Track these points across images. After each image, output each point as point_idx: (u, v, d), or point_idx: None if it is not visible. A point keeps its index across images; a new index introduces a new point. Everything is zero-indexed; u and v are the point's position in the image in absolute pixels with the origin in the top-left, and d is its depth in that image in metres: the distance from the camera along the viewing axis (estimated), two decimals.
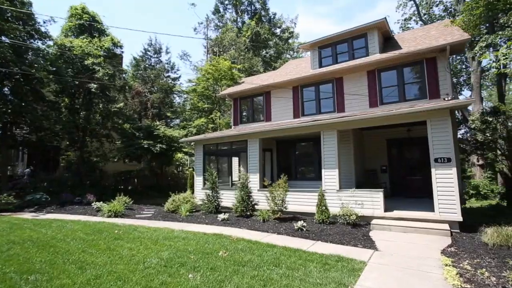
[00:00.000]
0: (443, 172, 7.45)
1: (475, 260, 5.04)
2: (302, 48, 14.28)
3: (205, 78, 17.25)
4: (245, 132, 11.40)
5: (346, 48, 13.13)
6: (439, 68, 10.63)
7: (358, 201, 8.26)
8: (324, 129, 9.57)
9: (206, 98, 18.05)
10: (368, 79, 12.06)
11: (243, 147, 11.69)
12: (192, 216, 9.78)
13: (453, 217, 7.21)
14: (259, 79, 16.95)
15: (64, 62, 13.37)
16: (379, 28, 12.42)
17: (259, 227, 8.01)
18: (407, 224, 7.56)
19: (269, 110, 14.70)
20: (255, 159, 11.06)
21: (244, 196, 9.64)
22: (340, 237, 6.90)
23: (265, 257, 5.03)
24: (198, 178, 12.70)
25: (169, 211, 10.65)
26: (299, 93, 13.87)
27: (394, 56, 11.42)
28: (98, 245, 5.92)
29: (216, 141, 12.52)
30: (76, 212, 10.79)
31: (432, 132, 7.70)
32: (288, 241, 6.41)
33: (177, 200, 10.78)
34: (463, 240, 6.40)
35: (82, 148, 14.87)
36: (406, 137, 11.38)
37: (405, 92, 11.19)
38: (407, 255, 5.58)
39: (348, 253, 5.58)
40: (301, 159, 13.61)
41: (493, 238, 5.84)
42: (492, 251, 5.47)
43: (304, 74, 13.81)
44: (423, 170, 11.45)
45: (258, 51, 26.50)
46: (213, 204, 10.44)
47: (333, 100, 12.89)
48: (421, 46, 10.94)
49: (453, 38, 10.60)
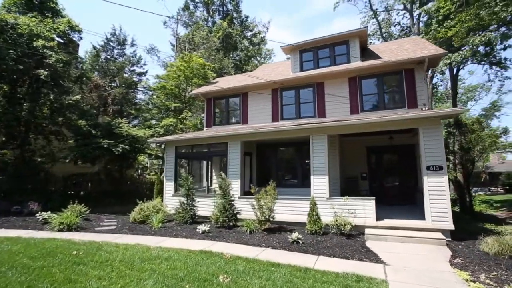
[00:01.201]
0: (435, 180, 7.42)
1: (491, 273, 4.84)
2: (283, 49, 13.85)
3: (176, 75, 15.81)
4: (225, 134, 10.46)
5: (328, 53, 13.03)
6: (417, 79, 10.96)
7: (351, 210, 7.87)
8: (314, 133, 9.11)
9: (175, 97, 16.57)
10: (350, 85, 12.03)
11: (222, 150, 10.72)
12: (165, 227, 8.48)
13: (445, 225, 7.18)
14: (235, 79, 16.14)
15: (4, 41, 11.02)
16: (360, 37, 12.55)
17: (248, 240, 7.13)
18: (401, 233, 7.35)
19: (245, 112, 13.95)
20: (236, 163, 10.18)
21: (226, 205, 8.67)
22: (340, 250, 6.36)
23: (277, 282, 4.20)
24: (168, 183, 11.34)
25: (136, 221, 9.17)
26: (278, 96, 13.38)
27: (376, 65, 11.56)
28: (52, 276, 4.38)
29: (191, 142, 11.35)
30: (14, 226, 8.66)
31: (424, 140, 7.66)
32: (289, 258, 5.66)
33: (146, 208, 9.35)
34: (461, 249, 6.30)
35: (23, 146, 12.38)
36: (386, 145, 11.51)
37: (385, 100, 11.35)
38: (419, 269, 5.21)
39: (358, 269, 5.02)
40: (283, 165, 13.04)
41: (494, 248, 5.81)
42: (498, 261, 5.37)
43: (284, 77, 13.40)
44: (401, 178, 11.69)
45: (229, 53, 25.67)
46: (189, 213, 9.27)
47: (314, 105, 12.63)
48: (401, 57, 11.21)
49: (430, 52, 11.05)
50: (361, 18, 33.12)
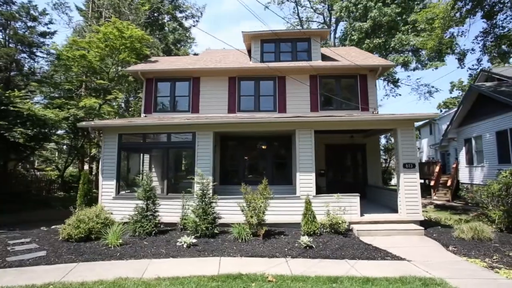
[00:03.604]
0: (409, 177, 8.18)
1: (492, 257, 5.54)
2: (245, 34, 12.73)
3: (103, 45, 12.06)
4: (194, 122, 8.68)
5: (290, 48, 12.82)
6: (369, 84, 12.09)
7: (341, 207, 7.79)
8: (299, 128, 8.60)
9: (94, 72, 12.70)
10: (311, 83, 12.18)
11: (187, 142, 8.88)
12: (127, 244, 6.22)
13: (417, 217, 8.02)
14: (180, 61, 13.89)
15: None
16: (322, 37, 12.90)
17: (252, 250, 5.98)
18: (383, 227, 7.74)
19: (196, 100, 12.25)
20: (207, 158, 8.61)
21: (207, 209, 7.13)
22: (353, 251, 6.09)
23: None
24: (107, 182, 8.59)
25: (74, 239, 6.38)
26: (236, 85, 12.31)
27: (336, 66, 12.12)
28: None
29: (144, 130, 8.92)
30: None
31: (401, 139, 8.33)
32: (325, 267, 4.97)
33: (87, 219, 6.66)
34: (441, 238, 7.08)
35: None
36: (343, 143, 12.20)
37: (342, 101, 12.02)
38: (439, 261, 5.49)
39: (399, 270, 4.87)
40: (252, 161, 12.04)
41: (469, 234, 6.77)
42: (482, 245, 6.27)
43: (244, 65, 12.43)
44: (354, 174, 12.68)
45: (154, 32, 22.15)
46: (152, 221, 7.19)
47: (275, 98, 12.23)
48: (359, 62, 12.09)
49: (380, 62, 12.38)
50: (284, 23, 34.86)
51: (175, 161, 9.68)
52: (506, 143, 12.17)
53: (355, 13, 17.77)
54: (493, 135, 13.03)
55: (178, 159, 9.84)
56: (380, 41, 16.70)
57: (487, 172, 13.40)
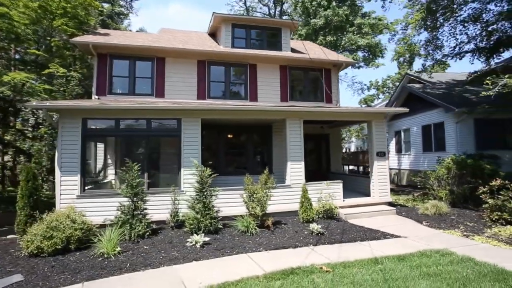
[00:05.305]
0: (381, 164, 9.24)
1: (460, 228, 6.81)
2: (216, 16, 11.84)
3: (36, 5, 9.16)
4: (179, 108, 7.76)
5: (261, 35, 12.61)
6: (332, 78, 12.97)
7: (330, 193, 8.25)
8: (290, 117, 8.65)
9: (20, 41, 9.66)
10: (281, 73, 12.35)
11: (172, 129, 7.92)
12: (127, 250, 5.21)
13: (387, 199, 9.16)
14: (139, 37, 12.05)
15: None
16: (291, 29, 13.05)
17: (269, 242, 5.82)
18: (363, 210, 8.58)
19: (161, 83, 11.05)
20: (195, 147, 7.89)
21: (208, 203, 6.56)
22: (356, 233, 6.59)
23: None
24: (68, 178, 6.97)
25: (49, 253, 4.96)
26: (206, 70, 11.55)
27: (304, 58, 12.51)
28: None
29: (116, 115, 7.47)
30: None
31: (375, 130, 9.28)
32: (353, 250, 5.26)
33: (61, 226, 5.27)
34: (411, 216, 8.27)
35: None
36: (311, 133, 12.73)
37: (309, 92, 12.59)
38: (428, 235, 6.43)
39: (408, 246, 5.54)
40: (235, 150, 11.42)
41: (432, 210, 8.12)
42: (444, 219, 7.61)
43: (215, 49, 11.69)
44: (318, 163, 13.46)
45: None
46: (144, 221, 6.21)
47: (246, 86, 11.98)
48: (324, 57, 12.76)
49: (344, 58, 13.37)
50: (228, 10, 33.83)
51: (153, 151, 8.48)
52: (429, 135, 14.90)
53: (310, 9, 18.70)
54: (419, 129, 15.76)
55: (155, 149, 8.64)
56: (332, 39, 18.12)
57: (414, 159, 16.21)
